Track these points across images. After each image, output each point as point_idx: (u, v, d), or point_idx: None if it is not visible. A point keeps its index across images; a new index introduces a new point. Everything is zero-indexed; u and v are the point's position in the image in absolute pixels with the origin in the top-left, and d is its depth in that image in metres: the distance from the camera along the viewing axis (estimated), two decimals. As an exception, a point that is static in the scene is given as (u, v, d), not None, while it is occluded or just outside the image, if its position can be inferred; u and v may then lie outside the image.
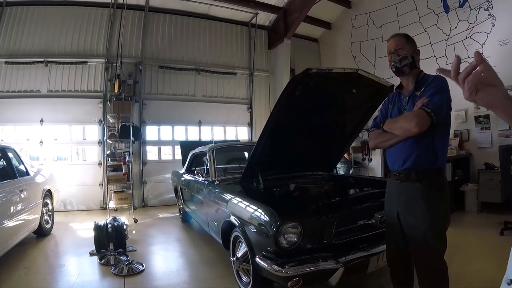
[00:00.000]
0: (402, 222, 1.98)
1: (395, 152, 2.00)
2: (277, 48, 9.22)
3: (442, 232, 1.90)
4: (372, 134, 2.12)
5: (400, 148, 1.95)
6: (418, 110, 1.79)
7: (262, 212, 2.49)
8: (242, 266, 2.93)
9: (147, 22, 8.03)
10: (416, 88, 1.97)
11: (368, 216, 2.60)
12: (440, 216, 1.89)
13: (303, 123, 3.17)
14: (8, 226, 3.65)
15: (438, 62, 6.77)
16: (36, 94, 7.20)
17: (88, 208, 7.27)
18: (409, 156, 1.91)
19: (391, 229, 2.09)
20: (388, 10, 7.88)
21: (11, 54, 7.13)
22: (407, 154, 1.92)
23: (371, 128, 2.16)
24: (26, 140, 7.17)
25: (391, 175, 2.06)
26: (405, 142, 1.91)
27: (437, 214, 1.87)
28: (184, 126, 8.46)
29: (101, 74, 7.53)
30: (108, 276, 3.51)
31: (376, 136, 2.08)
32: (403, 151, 1.94)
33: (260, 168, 3.33)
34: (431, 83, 1.88)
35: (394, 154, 2.02)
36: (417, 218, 1.89)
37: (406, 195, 1.95)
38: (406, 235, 1.97)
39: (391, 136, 1.95)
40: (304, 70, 2.47)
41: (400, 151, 1.96)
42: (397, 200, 2.01)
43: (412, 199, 1.92)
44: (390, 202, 2.09)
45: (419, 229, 1.88)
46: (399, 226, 2.00)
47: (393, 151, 2.02)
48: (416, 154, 1.89)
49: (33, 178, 4.75)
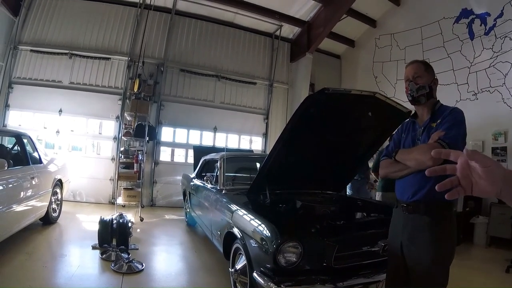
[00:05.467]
0: (405, 254, 1.93)
1: (405, 183, 1.95)
2: (299, 62, 9.24)
3: (445, 266, 1.84)
4: (384, 163, 2.08)
5: (410, 179, 1.90)
6: (434, 144, 1.74)
7: (265, 227, 2.48)
8: (239, 279, 2.90)
9: (173, 25, 8.18)
10: (432, 119, 1.92)
11: (371, 243, 2.54)
12: (445, 251, 1.83)
13: (316, 140, 3.16)
14: (16, 211, 3.74)
15: (459, 89, 6.66)
16: (58, 84, 7.42)
17: (96, 201, 7.37)
18: (420, 188, 1.86)
19: (393, 259, 2.04)
20: (413, 32, 7.79)
21: (37, 43, 7.37)
22: (417, 187, 1.87)
23: (383, 156, 2.12)
24: (43, 128, 7.36)
25: (399, 205, 2.01)
26: (416, 174, 1.85)
27: (442, 248, 1.82)
28: (199, 130, 8.51)
29: (123, 71, 7.70)
30: (107, 272, 3.54)
31: (388, 165, 2.04)
32: (414, 183, 1.88)
33: (268, 181, 3.31)
34: (448, 116, 1.84)
35: (403, 185, 1.97)
36: (421, 251, 1.84)
37: (412, 227, 1.90)
38: (408, 267, 1.91)
39: (403, 167, 1.90)
40: (320, 89, 2.46)
41: (410, 182, 1.90)
42: (402, 231, 1.95)
43: (417, 231, 1.87)
44: (394, 232, 2.04)
45: (422, 262, 1.82)
46: (401, 257, 1.94)
47: (403, 181, 1.97)
48: (428, 187, 1.82)
49: (45, 166, 4.84)
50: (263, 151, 8.83)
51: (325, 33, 8.47)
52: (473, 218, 5.78)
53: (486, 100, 6.22)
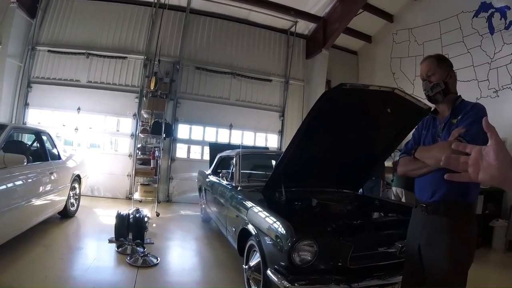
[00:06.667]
0: (422, 255, 1.87)
1: (424, 182, 1.88)
2: (315, 58, 9.13)
3: (464, 270, 1.78)
4: (402, 161, 2.01)
5: (430, 178, 1.82)
6: (454, 141, 1.68)
7: (280, 225, 2.46)
8: (253, 276, 2.90)
9: (188, 23, 8.22)
10: (452, 115, 1.85)
11: (388, 244, 2.49)
12: (464, 254, 1.77)
13: (332, 138, 3.10)
14: (34, 205, 3.85)
15: (480, 86, 6.41)
16: (76, 83, 7.59)
17: (113, 196, 7.52)
18: (439, 188, 1.79)
19: (411, 261, 1.98)
20: (431, 27, 7.56)
21: (55, 44, 7.57)
22: (437, 186, 1.80)
23: (402, 153, 2.06)
24: (62, 125, 7.55)
25: (418, 205, 1.95)
26: (436, 173, 1.77)
27: (460, 251, 1.75)
28: (215, 127, 8.54)
29: (139, 70, 7.81)
30: (123, 265, 3.60)
31: (406, 163, 1.97)
32: (433, 182, 1.81)
33: (284, 179, 3.29)
34: (469, 112, 1.76)
35: (422, 184, 1.91)
36: (439, 253, 1.78)
37: (431, 228, 1.84)
38: (425, 269, 1.86)
39: (422, 165, 1.82)
40: (338, 84, 2.41)
41: (429, 181, 1.84)
42: (421, 232, 1.89)
43: (436, 233, 1.81)
44: (413, 233, 1.98)
45: (440, 265, 1.77)
46: (419, 259, 1.89)
47: (422, 180, 1.90)
48: (447, 187, 1.75)
49: (64, 162, 4.97)
50: (278, 149, 8.78)
51: (341, 28, 8.33)
52: (493, 221, 5.56)
53: (507, 97, 5.97)
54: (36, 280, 3.01)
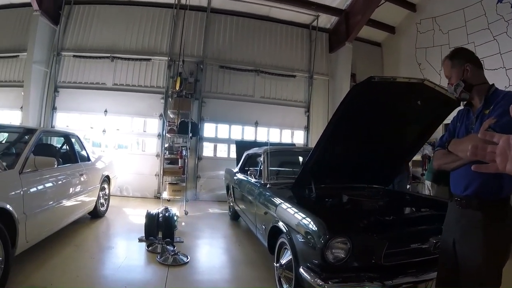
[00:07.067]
0: (457, 251, 1.81)
1: (458, 175, 1.82)
2: (338, 52, 8.99)
3: (498, 267, 1.71)
4: (437, 154, 1.96)
5: (463, 171, 1.76)
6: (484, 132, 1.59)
7: (311, 222, 2.43)
8: (284, 274, 2.88)
9: (209, 23, 8.30)
10: (485, 105, 1.78)
11: (422, 240, 2.41)
12: (498, 250, 1.70)
13: (362, 133, 3.04)
14: (65, 206, 3.96)
15: (508, 74, 6.09)
16: (102, 86, 7.83)
17: (142, 196, 7.69)
18: (472, 181, 1.73)
19: (445, 256, 1.92)
20: (456, 14, 7.22)
21: (79, 49, 7.84)
22: (470, 179, 1.74)
23: (437, 146, 2.00)
24: (90, 128, 7.81)
25: (452, 199, 1.89)
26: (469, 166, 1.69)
27: (495, 247, 1.69)
28: (241, 125, 8.58)
29: (163, 71, 7.96)
30: (153, 264, 3.65)
31: (441, 156, 1.91)
32: (466, 175, 1.75)
33: (313, 175, 3.25)
34: (501, 101, 1.68)
35: (457, 177, 1.85)
36: (473, 249, 1.72)
37: (465, 223, 1.78)
38: (459, 265, 1.80)
39: (456, 158, 1.76)
40: (366, 78, 2.36)
41: (463, 174, 1.78)
42: (455, 226, 1.84)
43: (470, 228, 1.75)
44: (448, 228, 1.92)
45: (474, 261, 1.71)
46: (453, 255, 1.83)
47: (456, 173, 1.84)
48: (480, 180, 1.69)
49: (93, 163, 5.11)
50: (305, 145, 8.72)
51: (364, 20, 8.14)
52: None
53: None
54: (68, 280, 3.05)
